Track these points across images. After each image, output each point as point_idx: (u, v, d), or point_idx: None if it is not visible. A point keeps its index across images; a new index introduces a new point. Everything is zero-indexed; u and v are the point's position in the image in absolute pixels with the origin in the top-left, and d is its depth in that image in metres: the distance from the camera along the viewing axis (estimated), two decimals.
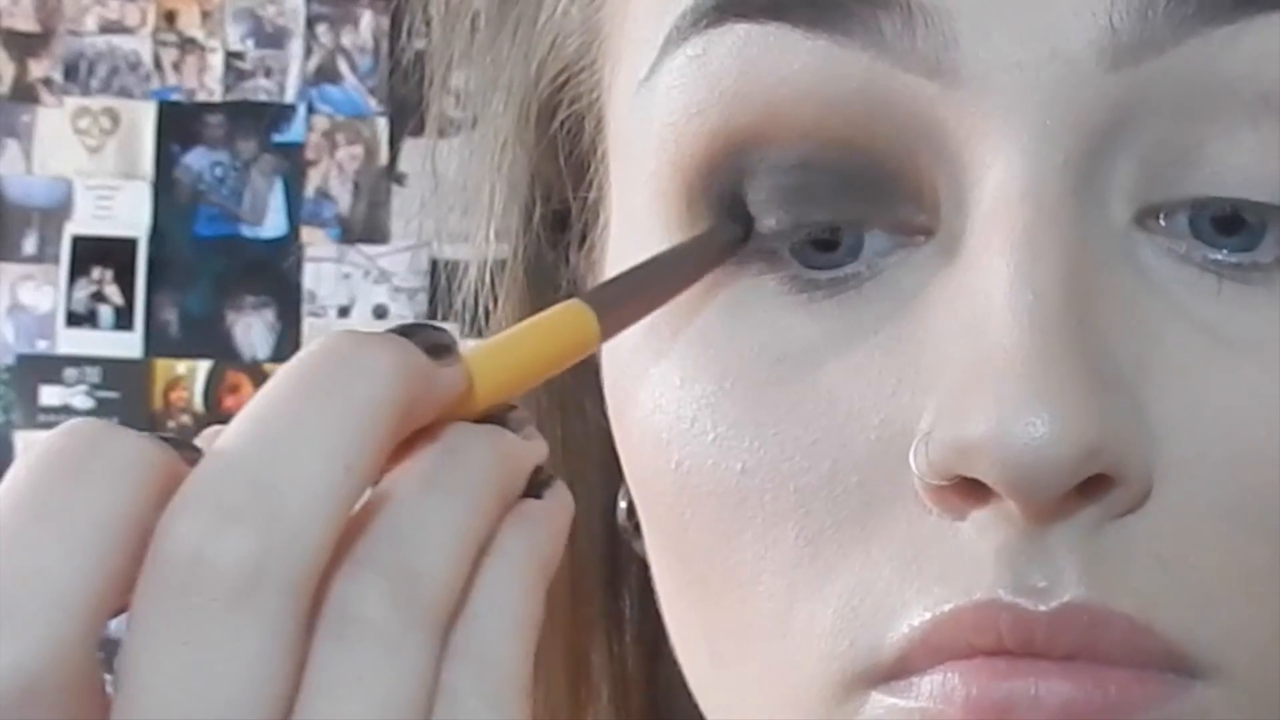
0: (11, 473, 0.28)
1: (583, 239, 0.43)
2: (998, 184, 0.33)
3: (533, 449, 0.32)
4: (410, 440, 0.30)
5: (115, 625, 0.28)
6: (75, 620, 0.26)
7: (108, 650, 0.26)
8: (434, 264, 2.08)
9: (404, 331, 0.30)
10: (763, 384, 0.35)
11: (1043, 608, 0.32)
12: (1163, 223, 0.34)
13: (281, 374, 0.29)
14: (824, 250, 0.35)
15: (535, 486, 0.32)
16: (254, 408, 0.28)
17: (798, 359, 0.35)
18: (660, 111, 0.36)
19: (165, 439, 0.28)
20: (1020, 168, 0.33)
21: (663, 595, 0.39)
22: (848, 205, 0.35)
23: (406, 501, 0.29)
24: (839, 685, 0.34)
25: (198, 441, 0.30)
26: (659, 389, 0.37)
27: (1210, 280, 0.33)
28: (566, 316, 0.33)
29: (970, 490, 0.32)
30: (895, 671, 0.33)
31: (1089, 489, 0.32)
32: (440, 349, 0.30)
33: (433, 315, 1.85)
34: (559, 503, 0.32)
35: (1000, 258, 0.32)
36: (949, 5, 0.33)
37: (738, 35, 0.35)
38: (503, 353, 0.32)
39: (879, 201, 0.35)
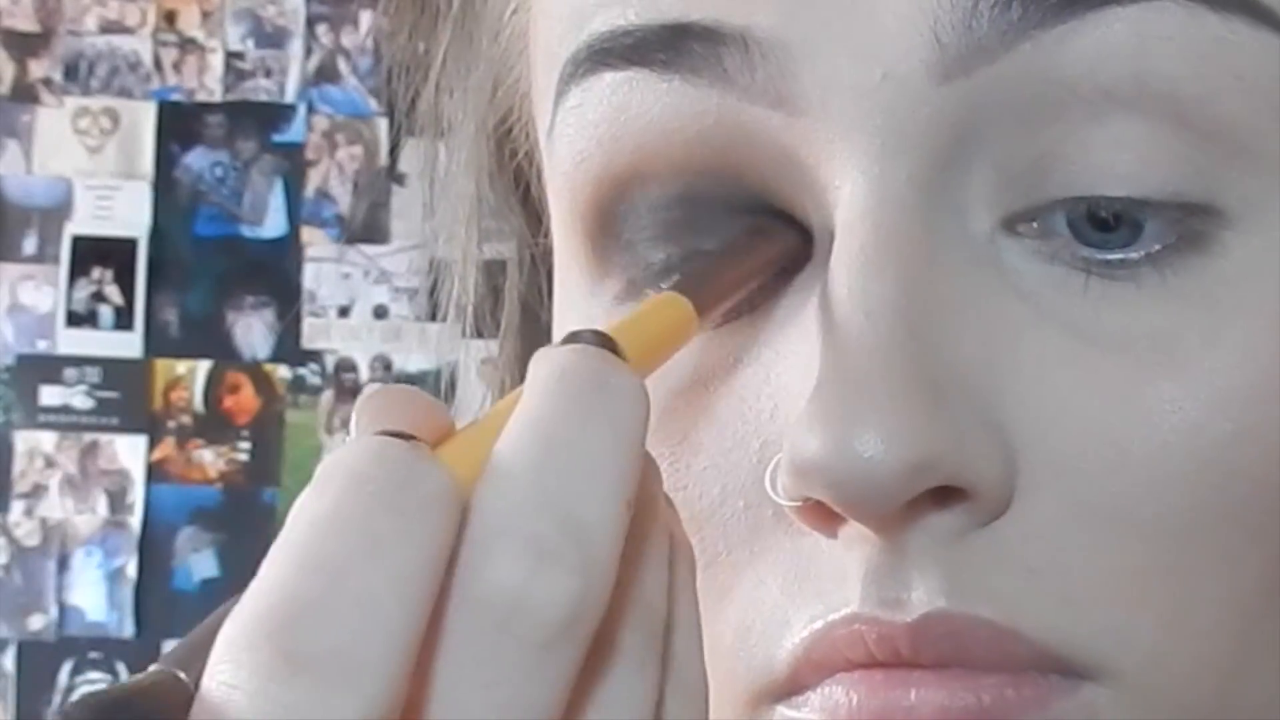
0: (317, 498, 0.27)
1: (549, 279, 0.44)
2: (844, 205, 0.34)
3: None
4: None
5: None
6: (406, 669, 0.26)
7: None
8: (434, 264, 2.08)
9: (596, 341, 0.30)
10: (662, 413, 0.36)
11: (903, 619, 0.32)
12: (1035, 225, 0.34)
13: (547, 390, 0.29)
14: None
15: None
16: (532, 427, 0.28)
17: (690, 388, 0.36)
18: (557, 161, 0.38)
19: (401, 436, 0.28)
20: (863, 188, 0.33)
21: None
22: (728, 235, 0.36)
23: (641, 531, 0.30)
24: (745, 703, 0.35)
25: (362, 409, 0.29)
26: None
27: (1078, 278, 0.34)
28: (666, 307, 0.33)
29: (828, 509, 0.33)
30: (790, 688, 0.34)
31: (941, 499, 0.32)
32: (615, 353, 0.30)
33: (433, 316, 1.85)
34: (675, 512, 0.33)
35: (839, 278, 0.33)
36: (783, 36, 0.34)
37: (605, 83, 0.36)
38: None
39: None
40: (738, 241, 0.36)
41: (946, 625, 0.32)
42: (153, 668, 0.27)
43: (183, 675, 0.27)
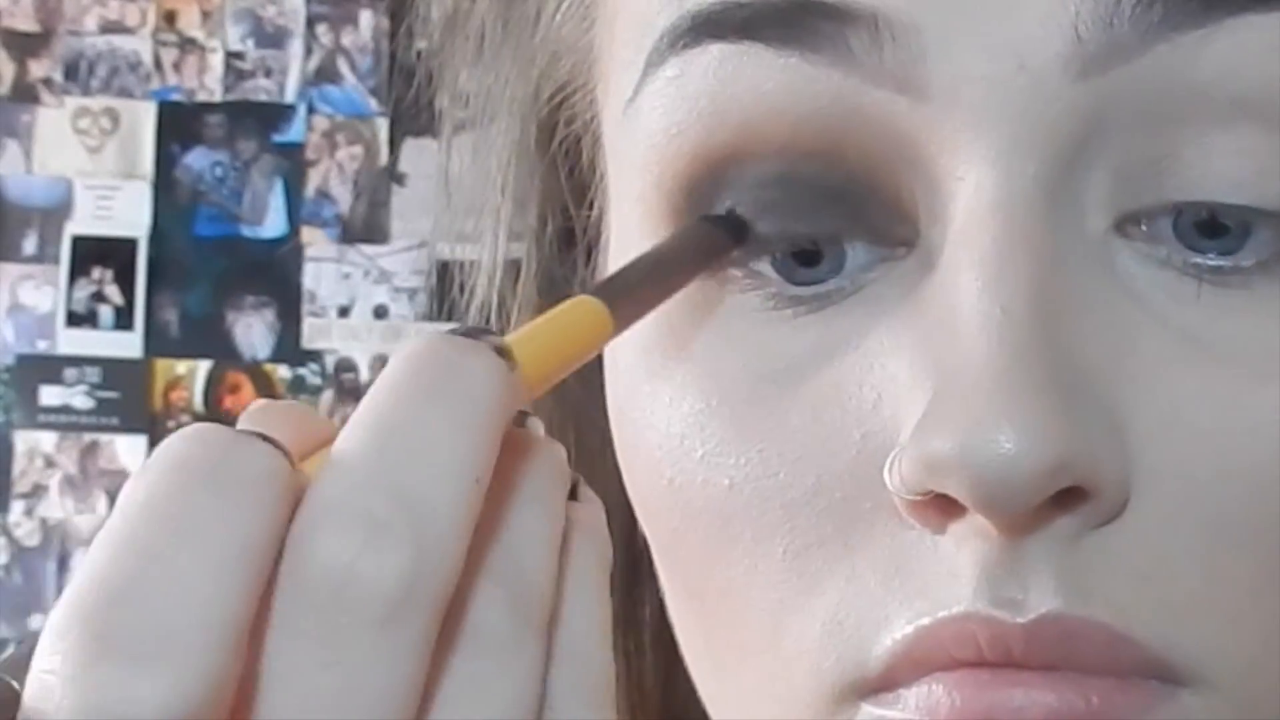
0: (136, 483, 0.27)
1: (588, 256, 0.44)
2: (969, 197, 0.33)
3: (562, 449, 0.32)
4: None
5: None
6: (229, 649, 0.25)
7: None
8: (433, 264, 2.08)
9: (469, 332, 0.30)
10: (748, 401, 0.35)
11: (1019, 620, 0.32)
12: (1144, 228, 0.34)
13: (393, 378, 0.28)
14: (807, 265, 0.35)
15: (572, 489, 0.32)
16: (373, 413, 0.28)
17: (782, 375, 0.35)
18: (643, 133, 0.37)
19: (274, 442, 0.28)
20: (990, 180, 0.33)
21: (669, 604, 0.40)
22: (828, 218, 0.35)
23: (508, 512, 0.29)
24: (829, 699, 0.34)
25: (244, 424, 0.29)
26: (649, 407, 0.37)
27: (1190, 285, 0.33)
28: (579, 311, 0.33)
29: (947, 504, 0.32)
30: (882, 684, 0.33)
31: (1063, 501, 0.32)
32: (504, 352, 0.30)
33: (433, 316, 1.85)
34: (596, 503, 0.32)
35: (969, 273, 0.32)
36: (916, 20, 0.33)
37: (712, 55, 0.35)
38: (522, 350, 0.32)
39: (859, 214, 0.35)
40: (663, 247, 0.36)
41: (1062, 627, 0.32)
42: None
43: (13, 681, 0.26)
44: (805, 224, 0.35)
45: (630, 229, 0.38)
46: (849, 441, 0.34)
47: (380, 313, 2.13)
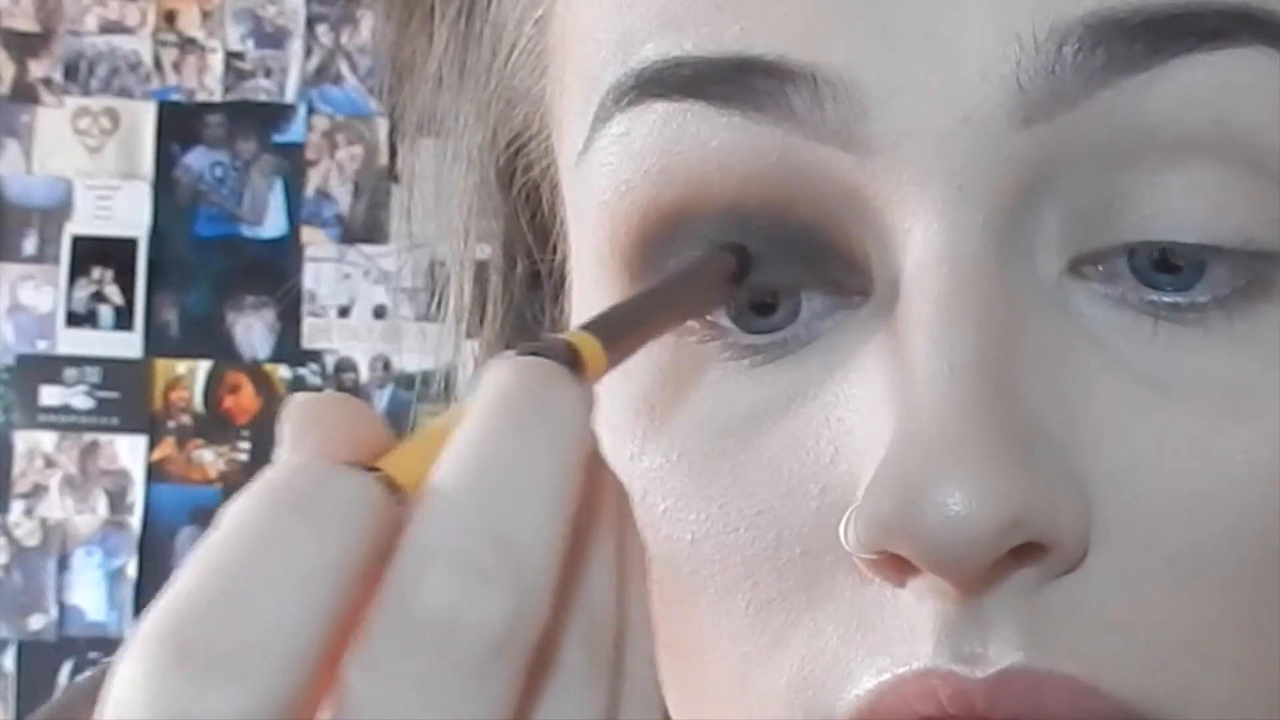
0: (232, 509, 0.27)
1: (555, 297, 0.44)
2: (917, 249, 0.33)
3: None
4: None
5: None
6: (306, 670, 0.26)
7: None
8: (434, 264, 2.08)
9: (544, 350, 0.29)
10: (707, 455, 0.35)
11: (980, 674, 0.32)
12: (1100, 269, 0.34)
13: (488, 410, 0.28)
14: (763, 315, 0.35)
15: None
16: (470, 449, 0.28)
17: (740, 428, 0.35)
18: (595, 189, 0.37)
19: (376, 472, 0.28)
20: (938, 232, 0.33)
21: None
22: (782, 269, 0.35)
23: (588, 545, 0.29)
24: None
25: (289, 418, 0.29)
26: (612, 460, 0.37)
27: (1147, 323, 0.33)
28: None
29: (903, 561, 0.32)
30: None
31: (1022, 554, 0.32)
32: (576, 367, 0.29)
33: (432, 316, 1.85)
34: (629, 504, 0.32)
35: (918, 329, 0.32)
36: (855, 76, 0.33)
37: (657, 114, 0.35)
38: None
39: (813, 265, 0.35)
40: (658, 284, 0.35)
41: (1026, 681, 0.32)
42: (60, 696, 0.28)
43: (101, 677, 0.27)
44: (760, 275, 0.35)
45: (587, 282, 0.38)
46: (808, 496, 0.34)
47: (380, 313, 2.13)
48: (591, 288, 0.38)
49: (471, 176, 0.44)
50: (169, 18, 2.19)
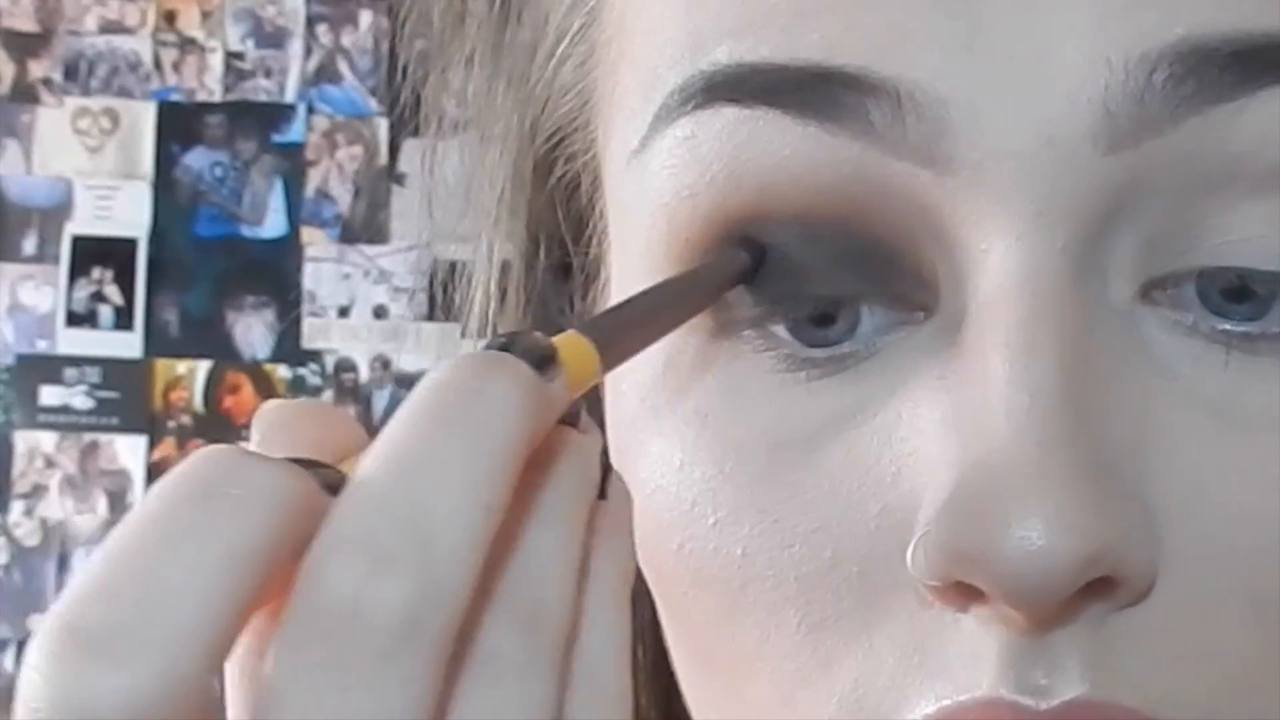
0: (144, 497, 0.27)
1: (585, 291, 0.43)
2: (995, 271, 0.32)
3: (599, 443, 0.32)
4: None
5: None
6: (198, 653, 0.26)
7: None
8: (435, 264, 2.08)
9: (507, 344, 0.29)
10: (762, 468, 0.35)
11: (1044, 706, 0.31)
12: (1170, 293, 0.33)
13: (415, 402, 0.28)
14: (821, 327, 0.35)
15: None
16: (390, 442, 0.28)
17: (797, 442, 0.34)
18: (652, 191, 0.36)
19: (303, 462, 0.28)
20: (1017, 254, 0.32)
21: (674, 659, 0.39)
22: (845, 281, 0.35)
23: (525, 535, 0.29)
24: None
25: (260, 423, 0.29)
26: (660, 469, 0.36)
27: (1218, 352, 0.33)
28: (565, 347, 0.31)
29: (970, 589, 0.32)
30: None
31: (1093, 586, 0.31)
32: (545, 362, 0.29)
33: (432, 316, 1.85)
34: (625, 502, 0.32)
35: (996, 354, 0.32)
36: (940, 93, 0.33)
37: (726, 119, 0.34)
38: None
39: (877, 278, 0.34)
40: (667, 282, 0.35)
41: (1089, 713, 0.31)
42: None
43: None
44: (823, 286, 0.35)
45: (633, 278, 0.38)
46: (866, 515, 0.33)
47: (380, 313, 2.13)
48: (636, 286, 0.37)
49: (505, 165, 0.44)
50: (169, 18, 2.19)
